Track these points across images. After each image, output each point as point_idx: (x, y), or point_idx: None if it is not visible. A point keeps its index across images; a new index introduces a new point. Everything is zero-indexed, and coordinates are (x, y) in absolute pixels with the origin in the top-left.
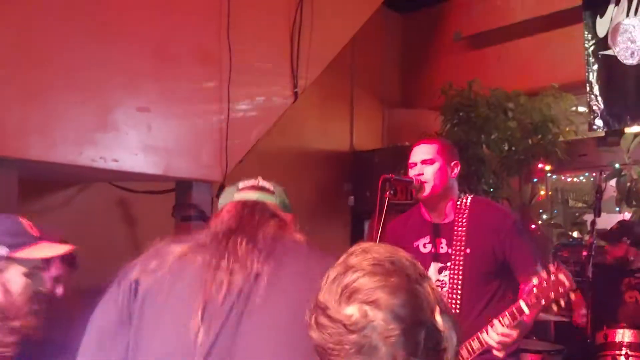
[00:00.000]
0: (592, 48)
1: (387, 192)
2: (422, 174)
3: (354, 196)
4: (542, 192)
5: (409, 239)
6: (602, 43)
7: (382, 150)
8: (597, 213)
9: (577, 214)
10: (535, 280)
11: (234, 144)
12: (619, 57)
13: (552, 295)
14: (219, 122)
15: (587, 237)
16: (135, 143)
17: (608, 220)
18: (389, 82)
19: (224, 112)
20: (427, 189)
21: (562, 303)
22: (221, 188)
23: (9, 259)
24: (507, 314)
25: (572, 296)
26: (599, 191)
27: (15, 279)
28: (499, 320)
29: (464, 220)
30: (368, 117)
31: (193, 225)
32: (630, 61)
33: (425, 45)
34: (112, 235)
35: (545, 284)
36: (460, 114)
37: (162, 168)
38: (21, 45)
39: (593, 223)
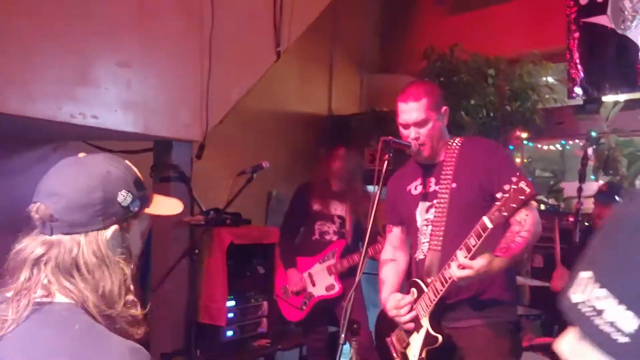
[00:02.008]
0: (573, 15)
1: (387, 155)
2: (419, 137)
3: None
4: (518, 160)
5: (403, 185)
6: (584, 10)
7: (360, 115)
8: (582, 179)
9: (551, 182)
10: (498, 195)
11: (214, 103)
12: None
13: (514, 205)
14: (200, 80)
15: (562, 205)
16: (114, 99)
17: (584, 188)
18: (369, 46)
19: (205, 70)
20: (425, 151)
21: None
22: (201, 148)
23: (136, 216)
24: (472, 234)
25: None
26: (585, 157)
27: (136, 240)
28: (462, 249)
29: (452, 159)
30: (347, 81)
31: (172, 186)
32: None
33: (406, 10)
34: None
35: (507, 195)
36: (441, 79)
37: (142, 126)
38: None
39: (580, 189)
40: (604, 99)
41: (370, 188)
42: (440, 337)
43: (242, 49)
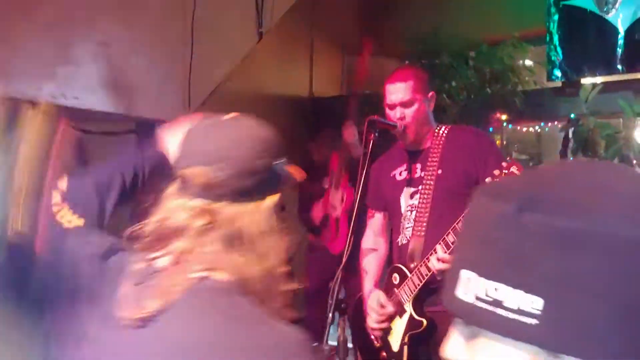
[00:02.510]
0: None
1: (372, 134)
2: (404, 117)
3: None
4: (498, 142)
5: (388, 170)
6: None
7: (341, 97)
8: None
9: (530, 164)
10: (488, 179)
11: (197, 84)
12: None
13: None
14: (182, 61)
15: None
16: (96, 80)
17: None
18: (350, 28)
19: (188, 51)
20: (411, 133)
21: None
22: None
23: (291, 185)
24: (456, 226)
25: None
26: (566, 139)
27: (293, 210)
28: (441, 244)
29: (439, 146)
30: (328, 63)
31: None
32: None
33: None
34: None
35: (497, 181)
36: (423, 61)
37: (124, 107)
38: None
39: None
40: (583, 81)
41: None
42: (425, 321)
43: (225, 30)
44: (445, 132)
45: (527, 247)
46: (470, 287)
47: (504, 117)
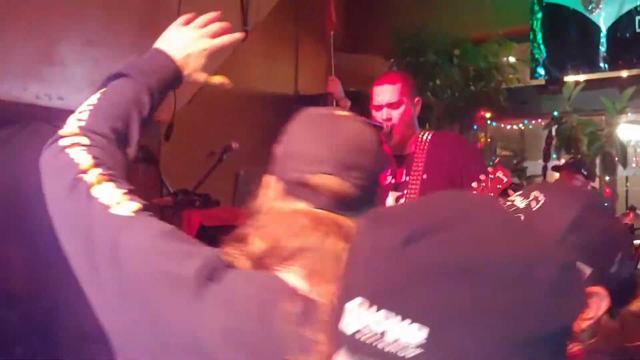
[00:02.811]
0: None
1: None
2: (390, 119)
3: None
4: (482, 139)
5: None
6: None
7: (327, 94)
8: (547, 159)
9: (515, 162)
10: (474, 184)
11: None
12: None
13: (492, 194)
14: None
15: (525, 183)
16: (81, 79)
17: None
18: (335, 27)
19: None
20: (397, 134)
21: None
22: (170, 129)
23: None
24: None
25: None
26: (550, 137)
27: None
28: None
29: (424, 151)
30: (313, 61)
31: (140, 168)
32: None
33: None
34: None
35: (484, 184)
36: (408, 59)
37: None
38: None
39: (544, 168)
40: (566, 79)
41: None
42: None
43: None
44: (429, 137)
45: (413, 279)
46: (357, 317)
47: (488, 114)
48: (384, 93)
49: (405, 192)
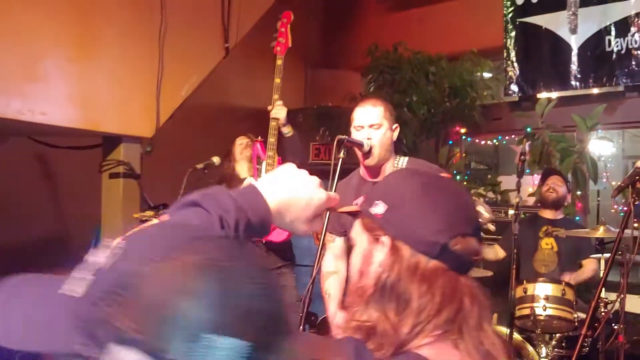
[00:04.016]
0: (510, 15)
1: (340, 154)
2: (370, 139)
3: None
4: (457, 154)
5: (349, 199)
6: (521, 10)
7: (304, 110)
8: (521, 174)
9: (489, 176)
10: None
11: (164, 98)
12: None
13: None
14: (150, 76)
15: (500, 197)
16: (64, 96)
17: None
18: (312, 42)
19: (155, 66)
20: (375, 154)
21: (491, 227)
22: (151, 144)
23: None
24: None
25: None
26: (523, 153)
27: None
28: None
29: None
30: (291, 76)
31: (122, 183)
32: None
33: (349, 6)
34: (33, 192)
35: None
36: (385, 75)
37: (92, 122)
38: None
39: (519, 183)
40: (539, 96)
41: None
42: None
43: (192, 45)
44: (404, 163)
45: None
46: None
47: (463, 130)
48: (367, 115)
49: None
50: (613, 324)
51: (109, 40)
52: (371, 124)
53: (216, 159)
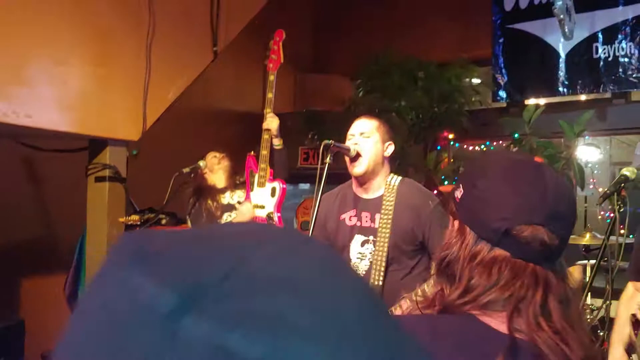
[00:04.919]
0: (499, 21)
1: (326, 159)
2: (357, 144)
3: None
4: (445, 160)
5: (337, 212)
6: (509, 16)
7: (293, 114)
8: None
9: None
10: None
11: (151, 102)
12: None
13: None
14: (137, 79)
15: None
16: (50, 98)
17: None
18: (302, 46)
19: (142, 69)
20: (361, 162)
21: None
22: (137, 147)
23: None
24: (418, 290)
25: None
26: None
27: None
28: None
29: (391, 198)
30: (280, 81)
31: (108, 187)
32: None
33: (338, 11)
34: (19, 194)
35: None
36: (374, 80)
37: (78, 125)
38: None
39: None
40: (527, 102)
41: (303, 187)
42: None
43: (180, 48)
44: (397, 183)
45: None
46: None
47: (451, 135)
48: (360, 125)
49: (371, 238)
50: (599, 331)
51: (95, 42)
52: (362, 132)
53: (202, 163)
